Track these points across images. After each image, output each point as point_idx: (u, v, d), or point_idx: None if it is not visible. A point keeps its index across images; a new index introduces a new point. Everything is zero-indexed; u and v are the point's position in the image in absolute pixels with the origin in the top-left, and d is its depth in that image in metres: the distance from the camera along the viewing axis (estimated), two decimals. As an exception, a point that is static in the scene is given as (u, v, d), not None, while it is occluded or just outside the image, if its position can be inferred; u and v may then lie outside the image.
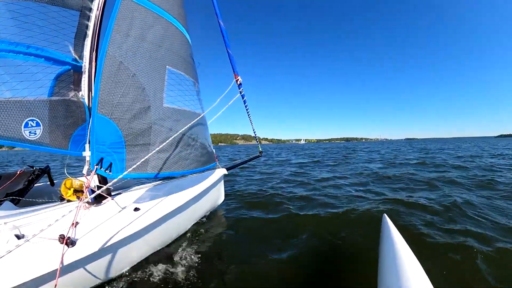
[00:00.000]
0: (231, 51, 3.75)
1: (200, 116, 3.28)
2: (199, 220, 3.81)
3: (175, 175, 2.85)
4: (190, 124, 2.97)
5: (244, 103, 4.53)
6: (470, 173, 8.16)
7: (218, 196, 4.65)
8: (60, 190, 2.72)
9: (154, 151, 2.53)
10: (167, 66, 2.67)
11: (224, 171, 4.76)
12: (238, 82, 3.91)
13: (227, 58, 3.82)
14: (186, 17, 3.24)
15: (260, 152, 6.00)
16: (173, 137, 2.72)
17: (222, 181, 4.85)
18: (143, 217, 2.40)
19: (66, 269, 1.76)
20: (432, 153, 18.09)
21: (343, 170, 10.08)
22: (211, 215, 4.27)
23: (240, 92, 4.10)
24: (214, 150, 4.10)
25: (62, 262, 1.70)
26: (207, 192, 4.03)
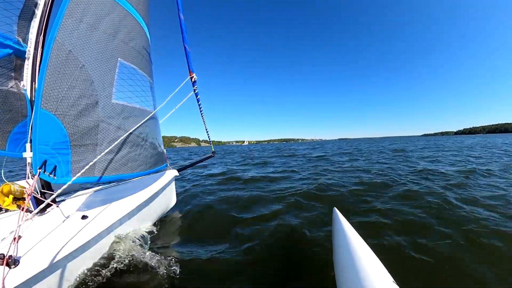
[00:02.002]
0: (189, 47, 3.61)
1: (151, 114, 3.08)
2: (152, 224, 3.57)
3: (124, 178, 2.61)
4: (140, 123, 2.76)
5: (198, 102, 4.43)
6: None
7: (170, 199, 4.44)
8: None
9: (102, 153, 2.27)
10: (119, 59, 2.40)
11: (175, 172, 4.57)
12: (193, 80, 3.80)
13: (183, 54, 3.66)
14: (149, 10, 2.99)
15: (212, 153, 5.97)
16: (122, 136, 2.49)
17: (174, 183, 4.65)
18: (92, 225, 2.14)
19: None
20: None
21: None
22: (163, 219, 4.04)
23: (194, 90, 3.99)
24: (165, 151, 3.89)
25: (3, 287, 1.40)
26: (158, 195, 3.81)
